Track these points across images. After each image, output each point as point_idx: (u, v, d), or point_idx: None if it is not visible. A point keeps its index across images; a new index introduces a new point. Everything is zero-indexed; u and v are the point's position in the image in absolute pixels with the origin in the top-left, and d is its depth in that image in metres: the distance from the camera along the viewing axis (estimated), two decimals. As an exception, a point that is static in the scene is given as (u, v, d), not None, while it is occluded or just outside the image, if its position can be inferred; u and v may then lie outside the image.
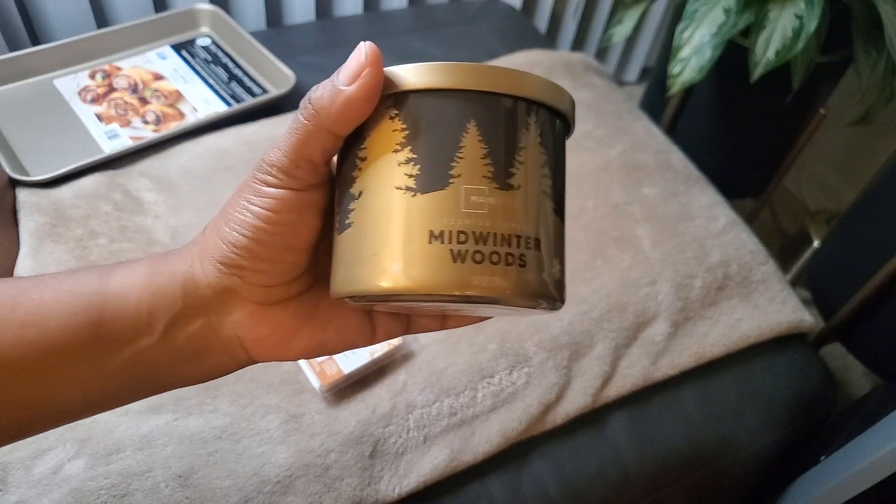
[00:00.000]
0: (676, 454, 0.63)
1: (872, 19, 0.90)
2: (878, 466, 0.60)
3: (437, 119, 0.23)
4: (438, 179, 0.23)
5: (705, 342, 0.67)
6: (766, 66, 0.88)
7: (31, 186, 0.68)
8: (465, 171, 0.23)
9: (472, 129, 0.23)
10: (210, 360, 0.28)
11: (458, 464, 0.56)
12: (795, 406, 0.68)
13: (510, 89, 0.23)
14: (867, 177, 1.01)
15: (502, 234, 0.23)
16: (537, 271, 0.23)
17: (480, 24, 1.03)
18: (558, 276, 0.25)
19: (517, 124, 0.23)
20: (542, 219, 0.24)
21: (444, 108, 0.23)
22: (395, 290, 0.23)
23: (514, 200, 0.23)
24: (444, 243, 0.22)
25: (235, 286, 0.26)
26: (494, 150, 0.23)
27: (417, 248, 0.23)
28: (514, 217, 0.23)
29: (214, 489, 0.51)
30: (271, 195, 0.25)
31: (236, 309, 0.27)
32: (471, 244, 0.22)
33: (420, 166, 0.23)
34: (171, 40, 0.89)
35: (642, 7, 1.06)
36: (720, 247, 0.74)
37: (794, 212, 1.42)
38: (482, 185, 0.23)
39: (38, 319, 0.25)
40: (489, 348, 0.62)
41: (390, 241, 0.23)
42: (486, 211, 0.23)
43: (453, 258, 0.22)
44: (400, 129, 0.23)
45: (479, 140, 0.23)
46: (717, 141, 1.18)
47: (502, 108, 0.23)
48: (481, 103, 0.23)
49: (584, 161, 0.80)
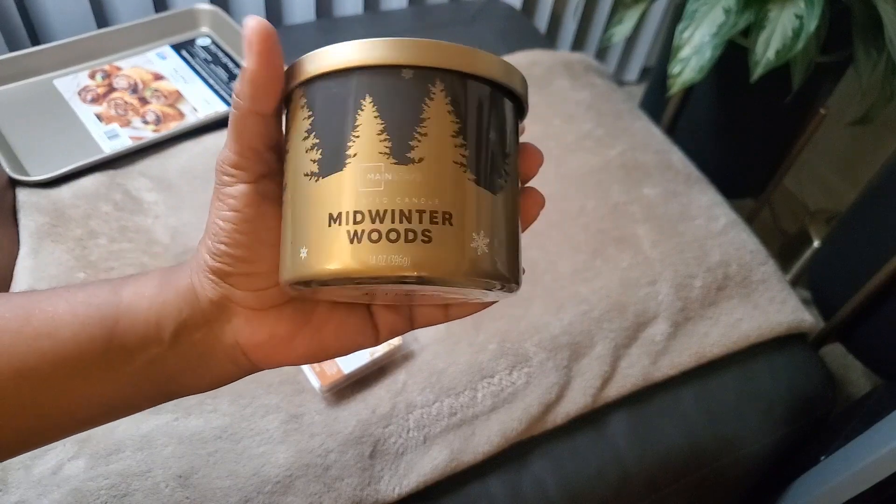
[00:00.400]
0: (676, 454, 0.63)
1: (873, 19, 0.90)
2: (878, 466, 0.60)
3: (333, 100, 0.23)
4: (337, 161, 0.22)
5: (705, 342, 0.67)
6: (766, 65, 0.88)
7: (31, 186, 0.68)
8: (360, 149, 0.22)
9: (367, 105, 0.22)
10: (215, 367, 0.29)
11: (458, 464, 0.56)
12: (795, 406, 0.68)
13: (404, 59, 0.22)
14: (867, 177, 1.01)
15: (401, 210, 0.22)
16: (450, 246, 0.22)
17: (480, 24, 1.03)
18: (486, 250, 0.23)
19: (418, 94, 0.22)
20: (456, 191, 0.22)
21: (338, 88, 0.23)
22: (304, 276, 0.23)
23: (414, 174, 0.22)
24: (342, 225, 0.22)
25: (229, 294, 0.27)
26: (391, 124, 0.22)
27: (318, 233, 0.23)
28: (415, 192, 0.22)
29: (214, 489, 0.51)
30: (231, 194, 0.25)
31: (234, 316, 0.28)
32: (367, 223, 0.22)
33: (321, 150, 0.23)
34: (171, 40, 0.89)
35: (642, 7, 1.06)
36: (720, 247, 0.74)
37: (795, 212, 1.42)
38: (378, 161, 0.22)
39: (51, 331, 0.26)
40: (489, 348, 0.62)
41: (299, 228, 0.23)
42: (383, 188, 0.22)
43: (350, 239, 0.22)
44: (307, 117, 0.23)
45: (375, 116, 0.22)
46: (717, 141, 1.18)
47: (399, 81, 0.22)
48: (377, 78, 0.22)
49: (584, 161, 0.80)
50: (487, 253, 0.23)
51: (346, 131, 0.22)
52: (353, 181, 0.22)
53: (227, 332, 0.28)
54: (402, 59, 0.22)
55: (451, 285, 0.23)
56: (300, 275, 0.23)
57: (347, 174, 0.22)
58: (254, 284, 0.27)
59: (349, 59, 0.22)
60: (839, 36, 0.95)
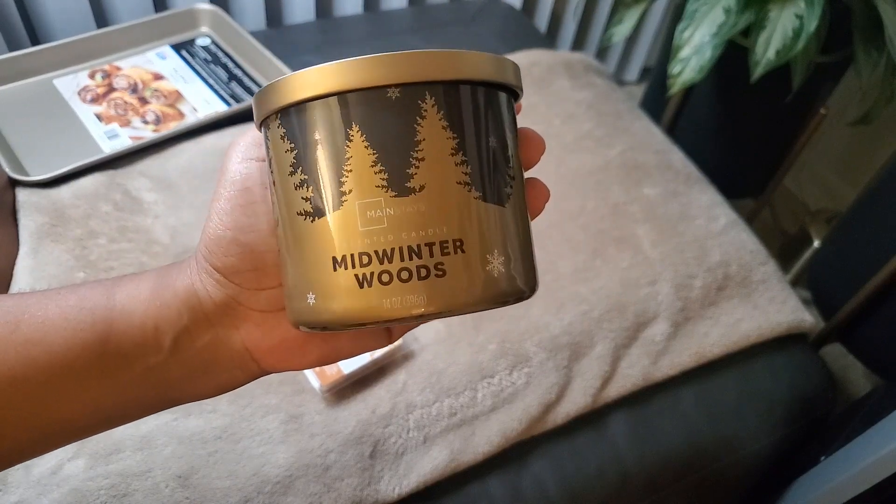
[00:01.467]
0: (676, 454, 0.63)
1: (873, 19, 0.90)
2: (878, 466, 0.60)
3: (318, 131, 0.21)
4: (332, 200, 0.21)
5: (705, 342, 0.67)
6: (766, 65, 0.88)
7: (31, 186, 0.68)
8: (356, 184, 0.20)
9: (355, 135, 0.20)
10: (221, 374, 0.27)
11: (458, 464, 0.56)
12: (796, 406, 0.68)
13: (388, 78, 0.20)
14: (867, 177, 1.01)
15: (409, 246, 0.20)
16: (465, 275, 0.21)
17: (480, 24, 1.03)
18: (502, 269, 0.22)
19: (408, 115, 0.20)
20: (464, 214, 0.21)
21: (322, 118, 0.21)
22: (316, 323, 0.22)
23: (418, 205, 0.20)
24: (348, 269, 0.21)
25: (236, 296, 0.25)
26: (385, 153, 0.20)
27: (325, 278, 0.21)
28: (420, 224, 0.20)
29: (214, 489, 0.51)
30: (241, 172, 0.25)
31: (243, 321, 0.26)
32: (374, 265, 0.20)
33: (312, 188, 0.21)
34: (171, 40, 0.89)
35: (642, 7, 1.06)
36: (720, 247, 0.74)
37: (795, 212, 1.42)
38: (377, 196, 0.20)
39: (42, 337, 0.24)
40: (489, 348, 0.62)
41: (304, 271, 0.22)
42: (386, 225, 0.20)
43: (359, 284, 0.20)
44: (290, 149, 0.21)
45: (366, 146, 0.20)
46: (718, 141, 1.18)
47: (386, 103, 0.20)
48: (360, 103, 0.20)
49: (583, 161, 0.80)
50: (504, 272, 0.22)
51: (338, 166, 0.20)
52: (352, 221, 0.20)
53: (235, 337, 0.26)
54: (385, 78, 0.20)
55: (470, 312, 0.22)
56: (312, 321, 0.22)
57: (345, 213, 0.20)
58: (264, 282, 0.25)
59: (327, 84, 0.20)
60: (839, 36, 0.95)
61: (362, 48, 0.95)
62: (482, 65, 0.22)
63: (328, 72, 0.20)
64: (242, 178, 0.25)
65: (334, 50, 0.94)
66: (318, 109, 0.21)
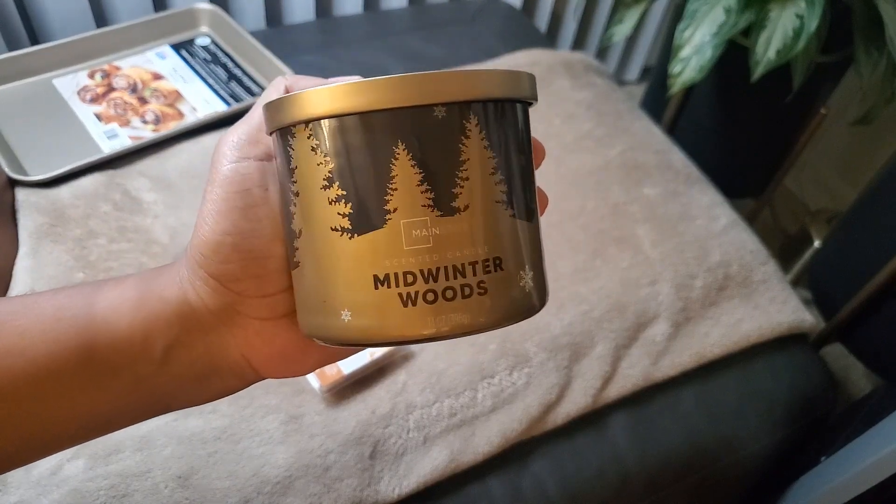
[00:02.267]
0: (677, 454, 0.62)
1: (873, 19, 0.90)
2: (878, 467, 0.60)
3: (360, 148, 0.20)
4: (374, 217, 0.20)
5: (706, 342, 0.67)
6: (766, 65, 0.88)
7: (31, 186, 0.68)
8: (401, 203, 0.20)
9: (401, 153, 0.20)
10: (216, 383, 0.26)
11: (458, 464, 0.56)
12: (796, 406, 0.68)
13: (437, 96, 0.20)
14: (868, 177, 1.01)
15: (454, 265, 0.20)
16: (504, 292, 0.21)
17: (480, 24, 1.03)
18: (532, 283, 0.22)
19: (453, 135, 0.20)
20: (502, 232, 0.21)
21: (365, 134, 0.20)
22: (354, 341, 0.22)
23: (462, 224, 0.21)
24: (392, 287, 0.20)
25: (235, 304, 0.24)
26: (431, 172, 0.20)
27: (364, 296, 0.21)
28: (465, 243, 0.21)
29: (214, 490, 0.51)
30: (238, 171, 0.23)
31: (241, 329, 0.24)
32: (420, 284, 0.20)
33: (352, 204, 0.21)
34: (171, 40, 0.88)
35: (643, 6, 1.06)
36: (721, 247, 0.74)
37: (795, 212, 1.42)
38: (423, 216, 0.20)
39: (23, 348, 0.23)
40: (489, 349, 0.61)
41: (337, 287, 0.21)
42: (432, 244, 0.20)
43: (403, 303, 0.20)
44: (324, 162, 0.21)
45: (412, 165, 0.20)
46: (718, 141, 1.17)
47: (432, 121, 0.20)
48: (407, 121, 0.20)
49: (584, 161, 0.80)
50: (533, 286, 0.22)
51: (382, 183, 0.20)
52: (397, 239, 0.20)
53: (232, 345, 0.25)
54: (433, 97, 0.20)
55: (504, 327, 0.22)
56: (345, 338, 0.22)
57: (390, 231, 0.20)
58: (265, 289, 0.24)
59: (371, 100, 0.20)
60: (840, 36, 0.95)
61: (362, 48, 0.95)
62: (519, 82, 0.22)
63: (373, 87, 0.20)
64: (241, 178, 0.23)
65: (334, 50, 0.93)
66: (362, 125, 0.20)
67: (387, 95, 0.20)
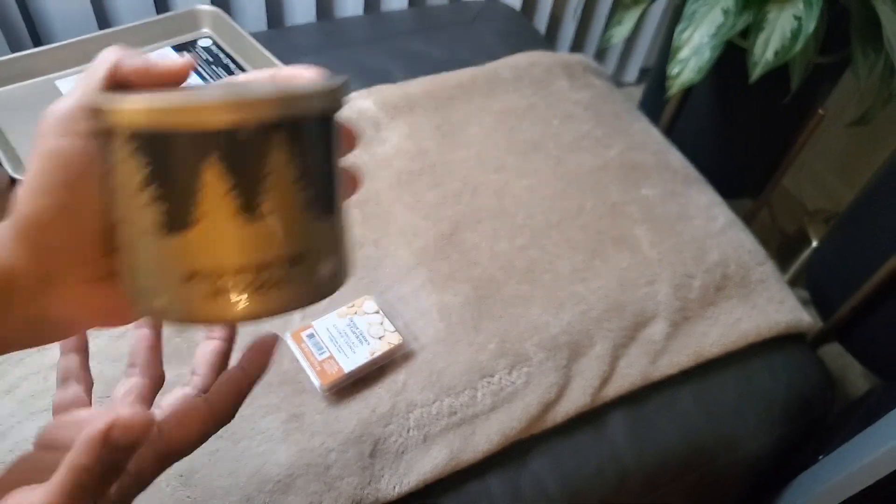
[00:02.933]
0: (675, 453, 0.63)
1: (871, 20, 0.90)
2: (876, 465, 0.60)
3: (172, 157, 0.22)
4: (185, 218, 0.23)
5: (704, 342, 0.67)
6: (764, 66, 0.88)
7: (33, 187, 0.68)
8: (210, 207, 0.23)
9: (210, 163, 0.22)
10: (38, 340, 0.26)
11: (458, 463, 0.56)
12: (794, 405, 0.68)
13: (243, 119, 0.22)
14: (865, 177, 1.01)
15: (256, 263, 0.23)
16: (305, 281, 0.24)
17: (480, 25, 1.03)
18: (333, 270, 0.25)
19: (258, 149, 0.23)
20: (303, 232, 0.24)
21: (178, 146, 0.22)
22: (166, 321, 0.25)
23: (264, 228, 0.23)
24: (201, 282, 0.23)
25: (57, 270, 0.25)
26: (238, 182, 0.23)
27: (176, 287, 0.23)
28: (267, 244, 0.23)
29: (215, 488, 0.51)
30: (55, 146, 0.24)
31: (61, 288, 0.25)
32: (226, 279, 0.23)
33: (166, 205, 0.23)
34: (173, 41, 0.89)
35: (641, 8, 1.07)
36: (719, 247, 0.74)
37: (793, 212, 1.43)
38: (229, 220, 0.23)
39: None
40: (489, 348, 0.62)
41: (148, 276, 0.24)
42: (236, 244, 0.23)
43: (212, 295, 0.23)
44: (142, 165, 0.23)
45: (220, 174, 0.22)
46: (716, 141, 1.18)
47: (239, 138, 0.22)
48: (214, 139, 0.22)
49: (582, 161, 0.81)
50: (335, 273, 0.26)
51: (193, 188, 0.22)
52: (206, 239, 0.23)
53: (53, 306, 0.25)
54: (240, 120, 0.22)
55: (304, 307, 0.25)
56: (164, 318, 0.25)
57: (200, 232, 0.23)
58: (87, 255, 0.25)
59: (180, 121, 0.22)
60: (837, 37, 0.96)
61: (363, 49, 0.95)
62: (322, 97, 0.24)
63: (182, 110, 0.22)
64: (65, 154, 0.24)
65: (335, 51, 0.94)
66: (175, 139, 0.22)
67: (195, 118, 0.22)
